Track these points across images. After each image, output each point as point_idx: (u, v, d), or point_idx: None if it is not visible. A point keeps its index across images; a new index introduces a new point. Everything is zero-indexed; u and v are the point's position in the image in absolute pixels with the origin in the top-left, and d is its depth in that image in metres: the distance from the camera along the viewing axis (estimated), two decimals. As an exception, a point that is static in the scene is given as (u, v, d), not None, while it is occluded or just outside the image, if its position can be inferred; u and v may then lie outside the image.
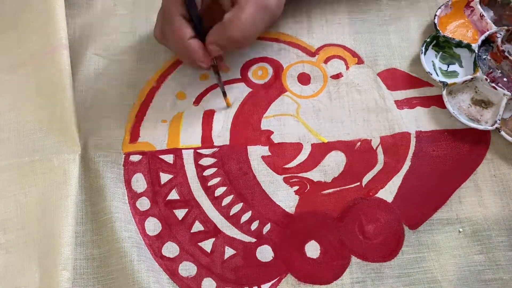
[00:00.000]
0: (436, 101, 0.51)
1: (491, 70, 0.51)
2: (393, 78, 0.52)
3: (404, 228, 0.46)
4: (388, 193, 0.48)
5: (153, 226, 0.46)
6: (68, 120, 0.48)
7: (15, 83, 0.50)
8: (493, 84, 0.49)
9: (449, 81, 0.50)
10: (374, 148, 0.49)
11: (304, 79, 0.52)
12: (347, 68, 0.53)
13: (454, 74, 0.52)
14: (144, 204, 0.47)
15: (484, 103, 0.50)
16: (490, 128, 0.49)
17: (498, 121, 0.49)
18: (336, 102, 0.51)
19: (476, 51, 0.51)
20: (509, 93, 0.49)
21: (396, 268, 0.45)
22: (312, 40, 0.54)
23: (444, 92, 0.50)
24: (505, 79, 0.51)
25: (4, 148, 0.48)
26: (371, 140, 0.50)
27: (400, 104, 0.51)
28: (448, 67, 0.52)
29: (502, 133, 0.48)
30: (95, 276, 0.45)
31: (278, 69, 0.53)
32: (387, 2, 0.56)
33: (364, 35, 0.54)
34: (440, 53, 0.53)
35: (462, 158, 0.49)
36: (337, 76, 0.52)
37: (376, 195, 0.48)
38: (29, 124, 0.48)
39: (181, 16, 0.46)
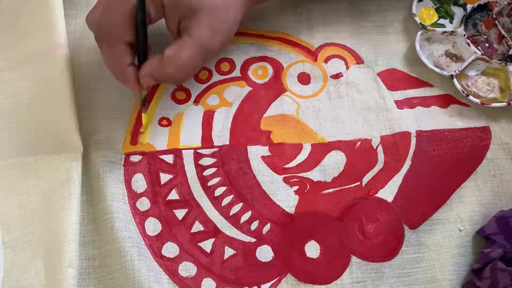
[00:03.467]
0: (436, 101, 0.51)
1: (477, 33, 0.52)
2: (393, 78, 0.52)
3: (404, 228, 0.46)
4: (388, 192, 0.48)
5: (153, 226, 0.46)
6: (69, 119, 0.48)
7: (14, 83, 0.50)
8: (468, 41, 0.51)
9: (429, 26, 0.52)
10: (374, 147, 0.49)
11: (304, 78, 0.52)
12: (347, 67, 0.52)
13: (440, 26, 0.53)
14: (144, 204, 0.47)
15: (455, 57, 0.52)
16: (445, 74, 0.50)
17: (458, 71, 0.50)
18: (336, 102, 0.51)
19: (469, 11, 0.53)
20: (479, 53, 0.51)
21: (396, 268, 0.45)
22: (312, 39, 0.54)
23: (419, 32, 0.52)
24: (486, 45, 0.52)
25: (6, 147, 0.48)
26: (371, 139, 0.50)
27: (400, 104, 0.51)
28: (439, 19, 0.54)
29: (454, 80, 0.50)
30: (96, 276, 0.45)
31: (278, 68, 0.52)
32: (388, 2, 0.56)
33: (364, 34, 0.54)
34: (438, 5, 0.54)
35: (462, 158, 0.49)
36: (337, 76, 0.52)
37: (376, 195, 0.48)
38: (30, 124, 0.48)
39: (125, 43, 0.43)
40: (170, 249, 0.46)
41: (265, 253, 0.46)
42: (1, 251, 0.44)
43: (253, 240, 0.46)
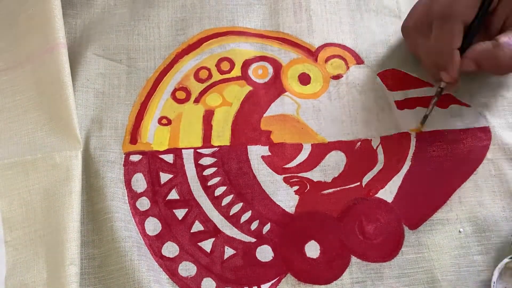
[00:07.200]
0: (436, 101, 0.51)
1: None
2: (393, 78, 0.52)
3: (404, 228, 0.46)
4: (388, 193, 0.48)
5: (153, 226, 0.46)
6: (68, 118, 0.48)
7: (13, 82, 0.50)
8: None
9: None
10: (374, 148, 0.49)
11: (304, 79, 0.52)
12: (347, 68, 0.52)
13: None
14: (144, 204, 0.47)
15: None
16: None
17: None
18: (336, 102, 0.51)
19: None
20: None
21: (396, 268, 0.45)
22: (312, 39, 0.54)
23: None
24: None
25: (6, 146, 0.48)
26: (371, 140, 0.50)
27: (400, 104, 0.51)
28: None
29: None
30: (96, 276, 0.45)
31: (278, 68, 0.52)
32: (387, 2, 0.56)
33: (364, 35, 0.54)
34: None
35: (462, 158, 0.49)
36: (337, 76, 0.52)
37: (376, 195, 0.48)
38: (30, 123, 0.48)
39: (461, 23, 0.45)
40: (170, 249, 0.46)
41: (265, 253, 0.46)
42: (3, 250, 0.44)
43: (253, 240, 0.46)
